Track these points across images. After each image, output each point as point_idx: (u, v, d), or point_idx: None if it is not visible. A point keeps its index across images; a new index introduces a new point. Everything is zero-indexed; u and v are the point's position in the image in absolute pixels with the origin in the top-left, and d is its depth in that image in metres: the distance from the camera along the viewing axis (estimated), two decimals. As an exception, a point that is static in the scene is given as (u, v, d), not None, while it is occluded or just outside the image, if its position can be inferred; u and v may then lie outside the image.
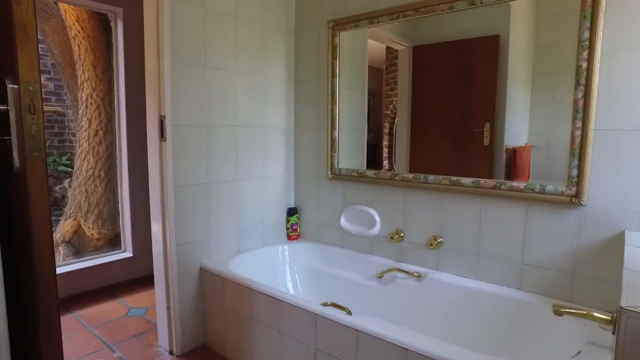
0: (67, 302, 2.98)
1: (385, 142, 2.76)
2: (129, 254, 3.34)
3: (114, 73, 3.35)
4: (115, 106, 3.33)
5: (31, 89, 0.97)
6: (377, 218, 2.47)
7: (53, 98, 5.60)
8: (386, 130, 2.77)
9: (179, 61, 2.18)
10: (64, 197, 5.01)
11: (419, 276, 2.29)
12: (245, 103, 2.53)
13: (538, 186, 1.90)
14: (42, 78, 5.50)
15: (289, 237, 2.86)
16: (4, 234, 1.09)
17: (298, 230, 2.86)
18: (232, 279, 2.21)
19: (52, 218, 3.56)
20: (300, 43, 2.77)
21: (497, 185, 2.04)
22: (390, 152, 2.77)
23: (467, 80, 2.44)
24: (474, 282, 2.13)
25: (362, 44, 2.69)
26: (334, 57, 2.59)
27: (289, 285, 2.69)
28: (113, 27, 3.35)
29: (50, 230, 1.07)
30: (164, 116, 2.14)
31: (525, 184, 1.95)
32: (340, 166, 2.63)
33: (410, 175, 2.32)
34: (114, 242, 3.84)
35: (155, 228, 2.28)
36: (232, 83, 2.44)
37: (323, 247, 2.73)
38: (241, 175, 2.54)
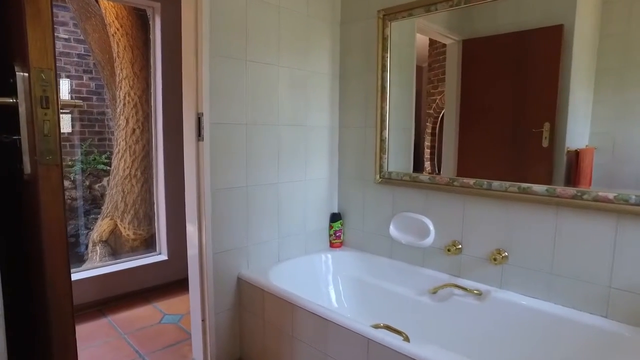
0: (102, 305, 2.85)
1: (427, 143, 2.49)
2: (163, 256, 3.18)
3: (151, 70, 3.21)
4: (152, 104, 3.18)
5: (44, 77, 0.77)
6: (431, 227, 2.20)
7: (94, 97, 5.56)
8: (428, 131, 2.51)
9: (218, 54, 1.98)
10: (102, 195, 4.96)
11: (479, 294, 2.00)
12: (288, 100, 2.30)
13: (634, 197, 1.58)
14: (85, 78, 5.48)
15: (332, 245, 2.62)
16: (13, 253, 0.90)
17: (342, 238, 2.62)
18: (273, 292, 1.99)
19: (91, 216, 3.47)
20: (346, 35, 2.52)
21: (578, 194, 1.73)
22: (432, 154, 2.51)
23: (525, 76, 2.15)
24: (546, 304, 1.83)
25: (410, 37, 2.42)
26: (384, 50, 2.33)
27: (333, 297, 2.45)
28: (151, 23, 3.20)
29: (66, 249, 0.86)
30: (202, 114, 1.94)
31: (615, 194, 1.63)
32: (390, 169, 2.37)
33: (472, 181, 2.03)
34: (149, 243, 3.71)
35: (191, 235, 2.08)
36: (274, 78, 2.22)
37: (369, 257, 2.47)
38: (282, 178, 2.32)
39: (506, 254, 1.95)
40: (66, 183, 5.03)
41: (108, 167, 5.17)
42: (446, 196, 2.14)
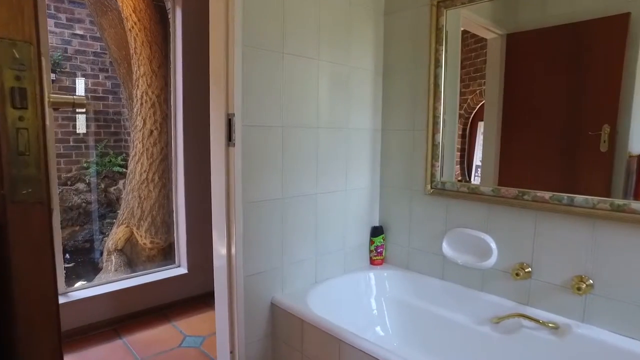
0: (117, 323, 2.57)
1: (457, 146, 2.18)
2: (183, 269, 2.89)
3: (171, 67, 2.92)
4: (172, 104, 2.89)
5: (18, 55, 0.46)
6: (494, 246, 1.87)
7: (110, 96, 5.31)
8: (459, 132, 2.19)
9: (252, 45, 1.67)
10: (118, 199, 4.70)
11: (555, 328, 1.67)
12: (328, 99, 1.99)
13: None
14: (100, 76, 5.23)
15: (373, 262, 2.30)
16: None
17: (383, 254, 2.30)
18: (314, 323, 1.68)
19: (107, 220, 3.19)
20: (391, 27, 2.20)
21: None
22: (462, 157, 2.19)
23: (580, 73, 1.84)
24: (645, 345, 1.50)
25: (455, 30, 2.10)
26: (438, 42, 2.00)
27: (377, 323, 2.13)
28: (171, 17, 2.91)
29: (57, 327, 0.55)
30: (233, 115, 1.63)
31: None
32: (444, 179, 2.05)
33: (547, 195, 1.70)
34: (167, 252, 3.42)
35: (219, 256, 1.78)
36: (314, 74, 1.91)
37: (417, 277, 2.15)
38: (321, 188, 2.00)
39: (591, 282, 1.62)
40: (81, 186, 4.78)
41: (124, 170, 4.91)
42: (513, 211, 1.80)
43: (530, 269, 1.76)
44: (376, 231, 2.27)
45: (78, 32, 5.08)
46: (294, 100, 1.84)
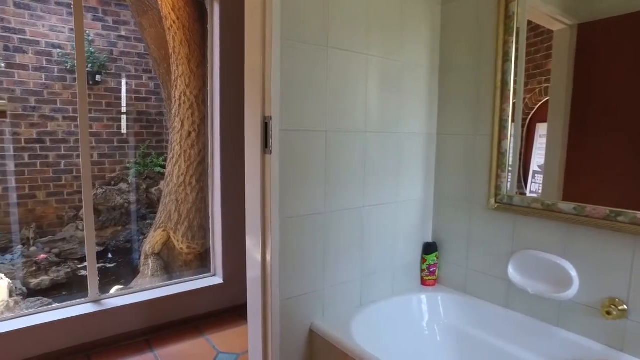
0: (149, 334, 2.41)
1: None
2: (218, 279, 2.71)
3: (209, 66, 2.74)
4: (209, 105, 2.72)
5: None
6: (574, 275, 1.54)
7: (153, 97, 5.26)
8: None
9: (292, 39, 1.43)
10: (159, 199, 4.62)
11: (658, 380, 1.33)
12: (378, 99, 1.72)
13: None
14: (144, 77, 5.19)
15: (424, 282, 2.01)
16: None
17: (436, 274, 2.01)
18: (360, 357, 1.43)
19: (147, 221, 3.07)
20: (449, 17, 1.90)
21: None
22: (518, 162, 1.85)
23: None
24: None
25: (522, 20, 1.77)
26: (507, 32, 1.69)
27: (429, 354, 1.84)
28: (209, 13, 2.73)
29: None
30: (270, 117, 1.40)
31: None
32: (512, 191, 1.74)
33: (649, 216, 1.36)
34: (204, 258, 3.26)
35: (253, 278, 1.55)
36: (362, 71, 1.65)
37: (475, 303, 1.84)
38: (369, 200, 1.74)
39: None
40: (124, 186, 4.74)
41: (165, 170, 4.84)
42: (602, 235, 1.47)
43: (625, 307, 1.42)
44: (429, 248, 1.99)
45: (123, 34, 5.05)
46: (339, 101, 1.58)
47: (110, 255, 4.39)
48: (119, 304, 2.35)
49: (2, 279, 2.88)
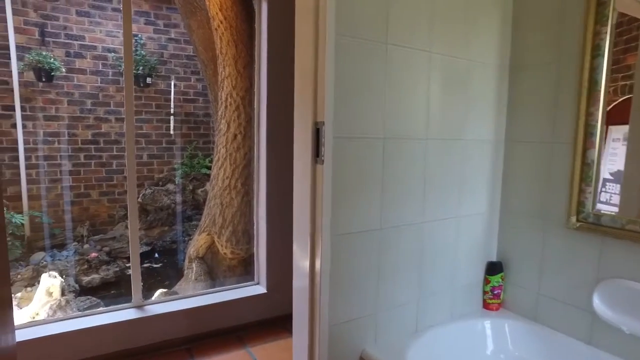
0: (190, 342, 2.32)
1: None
2: (262, 288, 2.59)
3: (256, 67, 2.62)
4: (256, 107, 2.60)
5: None
6: (681, 312, 1.28)
7: (200, 99, 5.26)
8: None
9: (348, 34, 1.26)
10: (204, 201, 4.60)
11: None
12: (441, 102, 1.52)
13: None
14: (192, 79, 5.19)
15: (487, 306, 1.78)
16: None
17: (501, 297, 1.77)
18: (419, 399, 1.24)
19: (193, 222, 3.01)
20: (522, 4, 1.66)
21: None
22: None
23: None
24: None
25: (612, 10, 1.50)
26: (599, 21, 1.43)
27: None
28: (256, 12, 2.62)
29: None
30: (322, 123, 1.24)
31: None
32: (599, 208, 1.48)
33: None
34: (247, 263, 3.16)
35: (300, 301, 1.39)
36: (424, 70, 1.45)
37: (550, 335, 1.59)
38: (429, 215, 1.54)
39: None
40: (171, 187, 4.75)
41: (211, 172, 4.82)
42: None
43: None
44: (493, 268, 1.75)
45: (173, 36, 5.08)
46: (398, 104, 1.40)
47: (156, 255, 4.41)
48: (161, 310, 2.27)
49: (55, 277, 2.90)
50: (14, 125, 4.45)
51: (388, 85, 1.36)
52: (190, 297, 2.46)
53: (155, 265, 4.23)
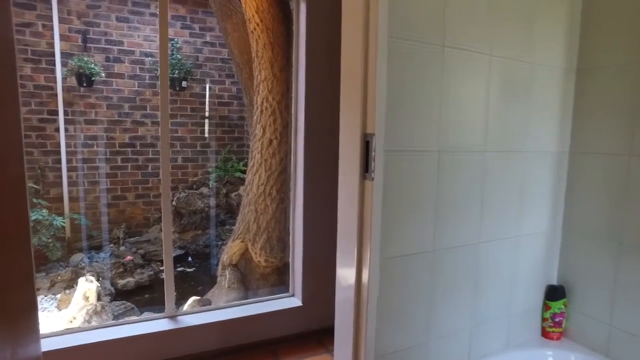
0: (222, 356, 2.24)
1: None
2: (297, 301, 2.48)
3: (293, 70, 2.52)
4: (293, 111, 2.49)
5: None
6: None
7: (235, 102, 5.23)
8: None
9: (401, 36, 1.13)
10: (238, 204, 4.55)
11: None
12: (500, 111, 1.36)
13: None
14: (227, 82, 5.17)
15: (546, 334, 1.61)
16: None
17: (563, 325, 1.59)
18: None
19: (226, 227, 2.94)
20: (595, 1, 1.49)
21: None
22: None
23: None
24: None
25: None
26: (688, 20, 1.25)
27: None
28: (294, 13, 2.52)
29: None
30: (372, 135, 1.11)
31: None
32: (688, 233, 1.29)
33: None
34: (282, 272, 3.07)
35: (344, 329, 1.27)
36: (483, 75, 1.31)
37: (623, 372, 1.41)
38: (486, 235, 1.39)
39: None
40: (205, 190, 4.74)
41: (245, 175, 4.78)
42: None
43: None
44: (555, 293, 1.58)
45: (208, 40, 5.08)
46: (455, 113, 1.25)
47: (189, 259, 4.39)
48: (194, 322, 2.20)
49: (92, 281, 2.90)
50: (57, 129, 4.54)
51: (444, 91, 1.22)
52: (223, 308, 2.38)
53: (188, 270, 4.21)
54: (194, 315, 2.29)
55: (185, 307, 2.92)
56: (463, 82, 1.26)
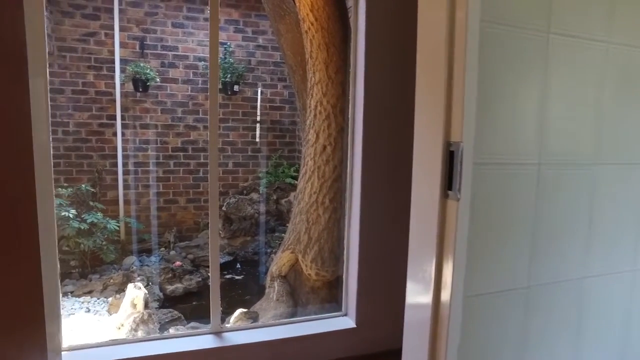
0: (271, 378, 2.09)
1: None
2: (350, 322, 2.27)
3: (351, 71, 2.33)
4: (350, 116, 2.30)
5: None
6: None
7: (287, 106, 5.13)
8: None
9: (496, 21, 0.90)
10: (288, 211, 4.42)
11: None
12: (618, 112, 1.09)
13: None
14: (279, 86, 5.08)
15: (666, 391, 1.30)
16: None
17: (689, 381, 1.28)
18: None
19: (276, 234, 2.80)
20: None
21: None
22: None
23: None
24: None
25: None
26: None
27: None
28: (353, 10, 2.32)
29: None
30: (458, 144, 0.89)
31: None
32: None
33: None
34: (333, 286, 2.88)
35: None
36: (598, 67, 1.04)
37: None
38: (593, 268, 1.12)
39: None
40: (255, 196, 4.66)
41: (296, 182, 4.65)
42: None
43: None
44: (678, 340, 1.27)
45: (261, 43, 5.01)
46: (560, 115, 1.00)
47: (238, 266, 4.31)
48: (240, 340, 2.06)
49: (140, 288, 2.86)
50: (115, 134, 4.65)
51: (547, 89, 0.98)
52: (270, 325, 2.23)
53: (237, 277, 4.12)
54: (240, 332, 2.15)
55: (232, 319, 2.80)
56: (571, 76, 1.01)
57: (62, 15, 4.48)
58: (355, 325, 2.24)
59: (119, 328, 2.73)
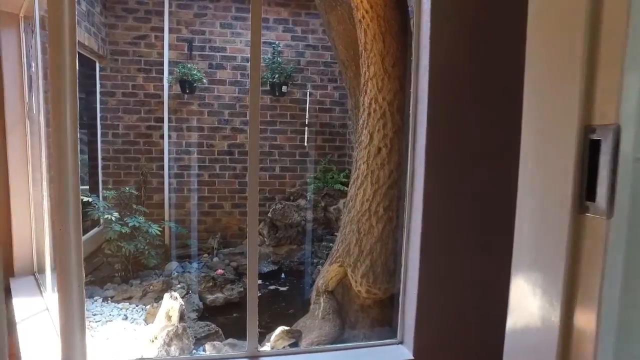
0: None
1: None
2: (407, 352, 1.94)
3: (413, 61, 2.02)
4: (411, 113, 1.99)
5: None
6: None
7: (337, 108, 4.88)
8: None
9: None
10: (337, 219, 4.14)
11: None
12: None
13: None
14: (329, 87, 4.85)
15: None
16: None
17: None
18: None
19: (323, 243, 2.52)
20: None
21: None
22: None
23: None
24: None
25: None
26: None
27: None
28: (415, -9, 2.03)
29: None
30: (607, 129, 0.58)
31: None
32: None
33: None
34: (385, 306, 2.57)
35: None
36: None
37: None
38: None
39: None
40: (302, 202, 4.42)
41: (346, 188, 4.37)
42: None
43: None
44: None
45: (310, 42, 4.81)
46: None
47: (282, 276, 4.09)
48: (280, 368, 1.80)
49: (176, 299, 2.69)
50: (162, 136, 4.60)
51: None
52: (314, 352, 1.95)
53: (281, 289, 3.89)
54: (278, 357, 1.89)
55: (272, 338, 2.56)
56: None
57: (116, 20, 4.51)
58: (412, 357, 1.90)
59: (153, 341, 2.56)
